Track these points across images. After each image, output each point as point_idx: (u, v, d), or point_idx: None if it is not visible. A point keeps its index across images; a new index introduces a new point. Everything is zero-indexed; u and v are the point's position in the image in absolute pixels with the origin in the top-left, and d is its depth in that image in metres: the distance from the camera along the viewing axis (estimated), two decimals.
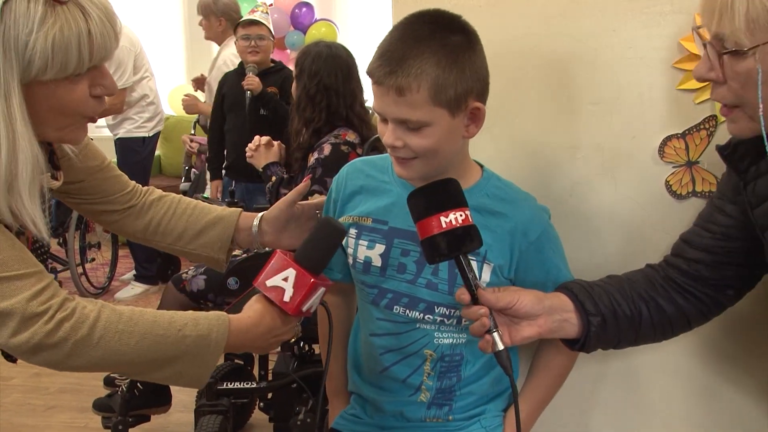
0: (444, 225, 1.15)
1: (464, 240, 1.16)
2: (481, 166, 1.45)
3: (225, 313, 1.22)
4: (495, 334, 1.16)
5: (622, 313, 1.27)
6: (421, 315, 1.40)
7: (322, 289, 1.25)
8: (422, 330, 1.41)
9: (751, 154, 1.09)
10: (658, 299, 1.29)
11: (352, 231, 1.44)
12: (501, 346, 1.15)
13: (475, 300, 1.17)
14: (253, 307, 1.25)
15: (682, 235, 1.33)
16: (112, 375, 3.19)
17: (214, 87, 4.16)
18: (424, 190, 1.19)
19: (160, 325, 1.16)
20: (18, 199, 1.09)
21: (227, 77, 4.08)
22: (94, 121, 1.20)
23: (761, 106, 1.01)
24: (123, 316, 1.14)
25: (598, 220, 1.59)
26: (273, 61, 4.05)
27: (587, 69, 1.54)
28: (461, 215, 1.16)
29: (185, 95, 4.59)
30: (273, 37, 4.00)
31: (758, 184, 1.15)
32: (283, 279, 1.21)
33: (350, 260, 1.46)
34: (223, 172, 4.12)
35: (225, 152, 4.07)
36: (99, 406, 2.94)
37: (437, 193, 1.18)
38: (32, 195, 1.11)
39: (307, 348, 2.82)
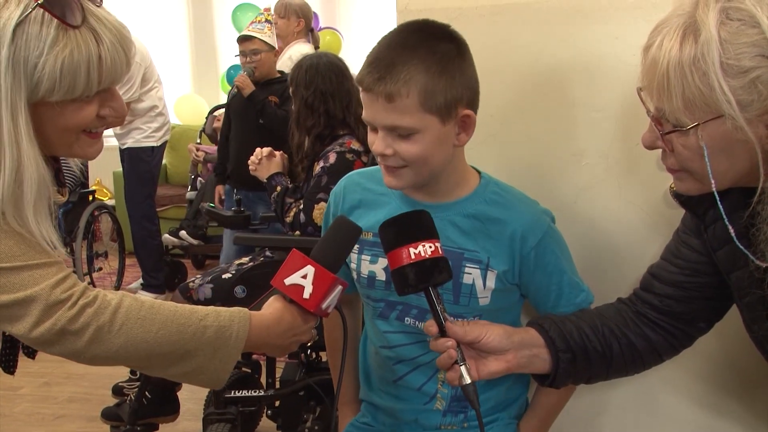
0: (413, 256, 1.15)
1: (432, 272, 1.15)
2: (479, 172, 1.44)
3: (246, 309, 1.21)
4: (462, 368, 1.14)
5: (593, 349, 1.27)
6: None
7: (339, 288, 1.24)
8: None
9: (708, 200, 1.09)
10: (629, 335, 1.29)
11: (354, 246, 1.44)
12: (468, 380, 1.14)
13: (443, 332, 1.17)
14: (273, 305, 1.24)
15: (650, 268, 1.32)
16: (120, 383, 3.21)
17: None
18: (395, 221, 1.19)
19: (181, 314, 1.15)
20: (23, 216, 1.10)
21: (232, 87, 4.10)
22: (94, 137, 1.20)
23: (713, 181, 1.02)
24: (144, 304, 1.14)
25: (603, 225, 1.59)
26: (281, 72, 4.05)
27: (591, 76, 1.55)
28: (431, 247, 1.15)
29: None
30: (273, 46, 3.96)
31: (717, 227, 1.15)
32: (301, 276, 1.21)
33: (354, 275, 1.46)
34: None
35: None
36: (107, 415, 2.95)
37: (408, 224, 1.18)
38: (38, 212, 1.11)
39: (314, 356, 2.82)
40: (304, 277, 1.21)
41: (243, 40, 3.90)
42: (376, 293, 1.44)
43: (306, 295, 1.21)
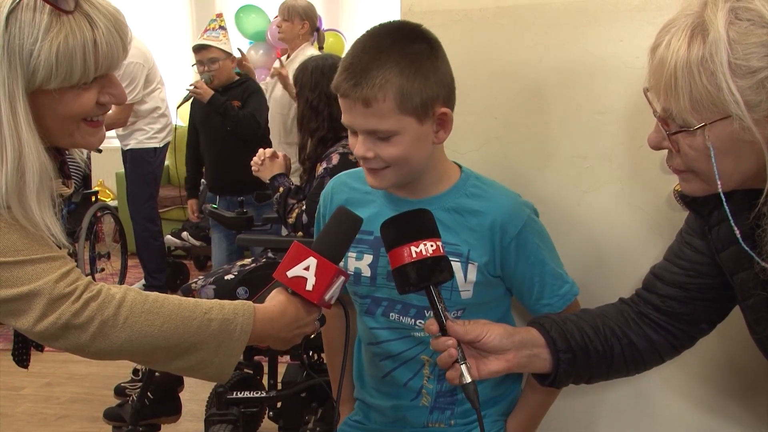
0: (414, 255, 1.15)
1: (434, 270, 1.16)
2: (460, 166, 1.46)
3: (251, 302, 1.21)
4: (463, 366, 1.14)
5: (594, 350, 1.27)
6: (413, 321, 1.42)
7: (342, 279, 1.25)
8: (416, 338, 1.43)
9: (713, 200, 1.08)
10: (630, 336, 1.29)
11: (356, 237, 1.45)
12: (468, 379, 1.14)
13: (443, 331, 1.17)
14: (276, 298, 1.24)
15: (653, 269, 1.32)
16: (122, 384, 3.21)
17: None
18: (397, 220, 1.20)
19: (185, 307, 1.15)
20: (27, 206, 1.10)
21: (194, 98, 4.06)
22: (94, 125, 1.19)
23: (719, 182, 1.02)
24: (149, 298, 1.14)
25: (606, 227, 1.59)
26: (239, 73, 4.05)
27: (594, 79, 1.55)
28: (432, 246, 1.16)
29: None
30: (229, 52, 3.97)
31: (722, 228, 1.15)
32: (304, 268, 1.21)
33: None
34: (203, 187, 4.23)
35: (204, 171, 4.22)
36: (109, 415, 2.96)
37: (409, 223, 1.18)
38: (41, 202, 1.11)
39: (316, 357, 2.83)
40: (307, 269, 1.21)
41: (199, 49, 3.93)
42: (362, 290, 1.46)
43: (309, 286, 1.21)
